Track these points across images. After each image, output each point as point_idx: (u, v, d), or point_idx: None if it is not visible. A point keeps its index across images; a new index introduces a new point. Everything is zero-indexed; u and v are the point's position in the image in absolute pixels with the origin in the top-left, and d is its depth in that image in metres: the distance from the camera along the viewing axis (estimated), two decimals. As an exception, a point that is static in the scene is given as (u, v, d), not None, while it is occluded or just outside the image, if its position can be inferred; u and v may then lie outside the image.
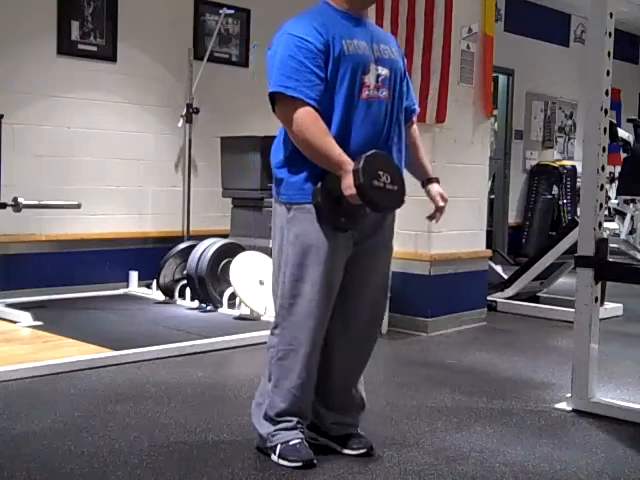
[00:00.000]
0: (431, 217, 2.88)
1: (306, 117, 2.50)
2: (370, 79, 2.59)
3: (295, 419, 2.68)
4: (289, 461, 2.62)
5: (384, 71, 2.63)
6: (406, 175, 2.73)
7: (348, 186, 2.48)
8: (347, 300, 2.72)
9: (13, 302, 5.18)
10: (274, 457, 2.66)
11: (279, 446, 2.65)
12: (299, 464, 2.61)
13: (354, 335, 2.78)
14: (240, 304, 5.14)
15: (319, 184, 2.57)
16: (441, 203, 2.83)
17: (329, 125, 2.53)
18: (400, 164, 2.72)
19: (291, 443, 2.65)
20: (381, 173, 2.51)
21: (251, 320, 4.97)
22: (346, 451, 2.76)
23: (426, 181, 2.88)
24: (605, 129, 3.32)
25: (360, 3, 2.68)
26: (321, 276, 2.59)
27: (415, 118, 2.90)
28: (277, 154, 2.72)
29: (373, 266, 2.76)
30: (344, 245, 2.64)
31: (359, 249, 2.68)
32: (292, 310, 2.63)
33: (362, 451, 2.75)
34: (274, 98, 2.57)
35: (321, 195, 2.57)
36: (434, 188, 2.85)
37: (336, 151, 2.51)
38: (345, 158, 2.50)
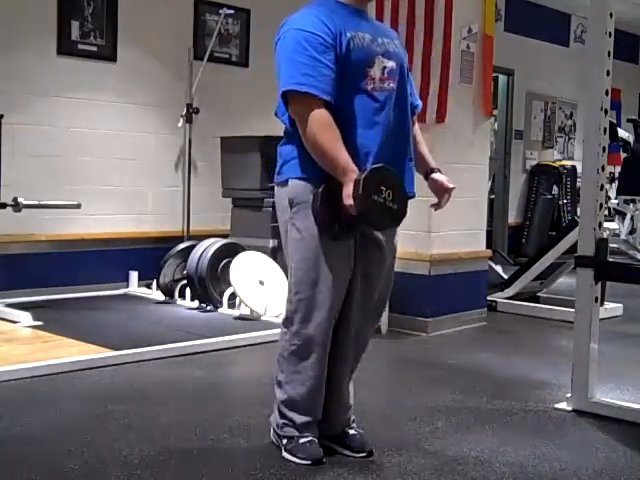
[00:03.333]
0: (436, 205, 2.85)
1: (319, 120, 2.48)
2: (375, 72, 2.58)
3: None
4: (298, 458, 2.66)
5: (390, 63, 2.63)
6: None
7: (347, 195, 2.46)
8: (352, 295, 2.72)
9: (13, 302, 5.18)
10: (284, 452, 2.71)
11: (287, 441, 2.70)
12: (308, 462, 2.65)
13: (356, 330, 2.78)
14: (240, 304, 5.14)
15: (320, 188, 2.55)
16: (450, 185, 2.81)
17: (335, 118, 2.51)
18: (409, 157, 2.72)
19: (301, 441, 2.68)
20: (383, 189, 2.47)
21: (251, 320, 4.97)
22: (346, 452, 2.76)
23: (429, 170, 2.87)
24: (605, 129, 3.32)
25: None
26: (330, 270, 2.59)
27: (416, 116, 2.90)
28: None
29: (376, 260, 2.75)
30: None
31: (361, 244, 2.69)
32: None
33: (362, 454, 2.75)
34: (287, 96, 2.52)
35: (320, 200, 2.54)
36: (440, 177, 2.84)
37: (343, 158, 2.48)
38: (351, 166, 2.48)
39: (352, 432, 2.80)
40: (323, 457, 2.68)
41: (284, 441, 2.72)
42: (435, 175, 2.84)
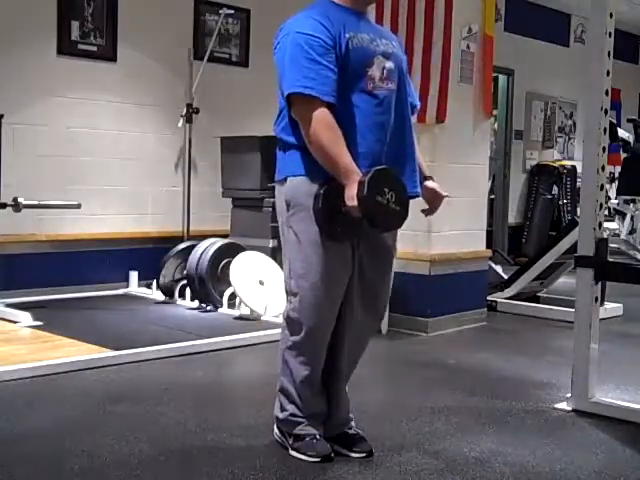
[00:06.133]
0: (428, 211, 2.90)
1: (321, 121, 2.48)
2: (374, 72, 2.59)
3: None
4: (307, 456, 2.68)
5: (388, 63, 2.63)
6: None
7: (350, 197, 2.46)
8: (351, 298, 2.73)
9: (13, 302, 5.18)
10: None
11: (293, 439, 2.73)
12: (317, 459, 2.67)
13: (356, 331, 2.78)
14: (240, 304, 5.14)
15: (322, 189, 2.55)
16: (443, 193, 2.85)
17: (337, 119, 2.51)
18: (411, 157, 2.72)
19: (307, 439, 2.70)
20: (386, 190, 2.48)
21: (251, 320, 4.97)
22: (346, 452, 2.76)
23: (423, 179, 2.87)
24: (605, 129, 3.32)
25: (362, 0, 2.70)
26: (329, 273, 2.60)
27: (415, 117, 2.91)
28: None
29: (373, 266, 2.75)
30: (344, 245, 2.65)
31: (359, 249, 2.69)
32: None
33: (362, 455, 2.75)
34: (291, 99, 2.54)
35: (322, 201, 2.54)
36: (433, 184, 2.86)
37: (345, 159, 2.49)
38: (353, 167, 2.49)
39: (351, 432, 2.80)
40: (331, 453, 2.70)
41: (290, 440, 2.74)
42: (429, 183, 2.86)
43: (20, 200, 4.96)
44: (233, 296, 5.21)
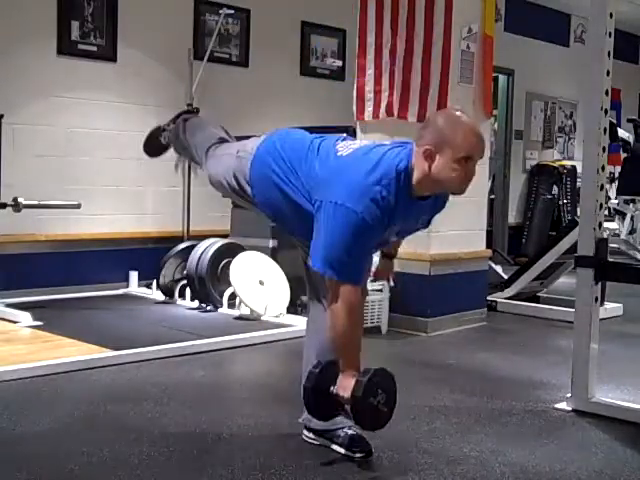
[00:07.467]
0: (375, 275, 3.14)
1: (349, 304, 2.52)
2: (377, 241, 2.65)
3: None
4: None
5: (393, 238, 2.77)
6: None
7: (345, 387, 2.54)
8: None
9: (13, 302, 5.18)
10: None
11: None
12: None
13: None
14: (240, 304, 5.14)
15: (318, 368, 2.61)
16: (391, 282, 3.20)
17: None
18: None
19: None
20: (379, 392, 2.56)
21: (251, 320, 4.97)
22: (345, 452, 2.76)
23: (390, 254, 3.09)
24: (605, 129, 3.32)
25: (433, 192, 2.64)
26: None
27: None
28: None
29: None
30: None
31: None
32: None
33: (362, 454, 2.75)
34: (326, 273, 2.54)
35: (315, 379, 2.60)
36: (392, 264, 3.12)
37: (355, 354, 2.58)
38: (357, 362, 2.58)
39: (351, 432, 2.80)
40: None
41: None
42: (391, 262, 3.11)
43: (20, 200, 4.96)
44: (233, 296, 5.21)
